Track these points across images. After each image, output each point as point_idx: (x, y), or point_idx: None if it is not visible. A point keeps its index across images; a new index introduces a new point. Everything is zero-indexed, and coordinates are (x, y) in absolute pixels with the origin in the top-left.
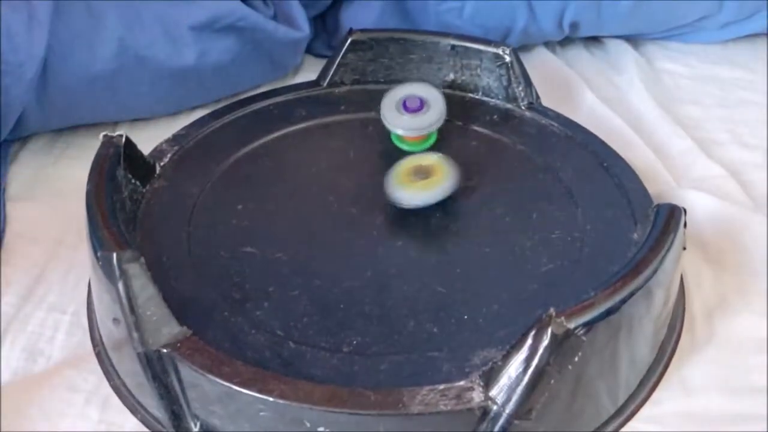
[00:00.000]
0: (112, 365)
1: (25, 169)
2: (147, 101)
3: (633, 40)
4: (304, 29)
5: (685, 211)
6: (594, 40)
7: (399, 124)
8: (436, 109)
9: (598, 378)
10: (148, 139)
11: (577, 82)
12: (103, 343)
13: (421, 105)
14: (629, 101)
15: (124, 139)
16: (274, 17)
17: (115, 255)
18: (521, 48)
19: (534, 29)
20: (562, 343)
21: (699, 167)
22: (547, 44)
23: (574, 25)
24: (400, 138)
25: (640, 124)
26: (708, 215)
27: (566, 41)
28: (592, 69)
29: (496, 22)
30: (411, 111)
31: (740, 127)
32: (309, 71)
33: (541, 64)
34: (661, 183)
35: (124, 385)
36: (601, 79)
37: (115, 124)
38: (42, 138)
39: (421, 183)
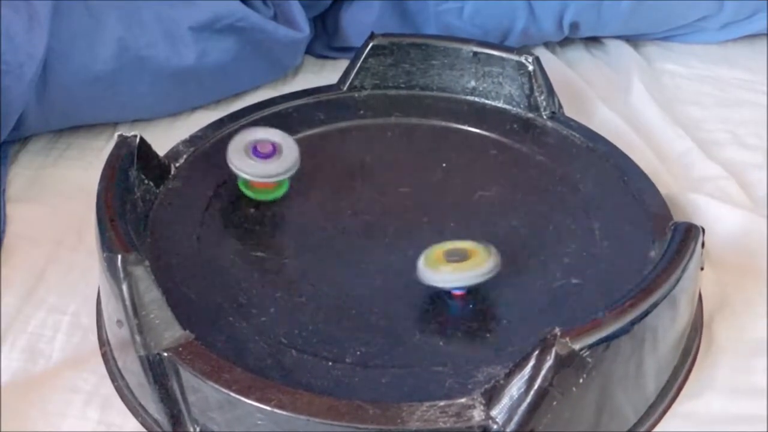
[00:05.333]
0: (116, 366)
1: (25, 170)
2: (147, 101)
3: (633, 40)
4: (304, 29)
5: (703, 230)
6: (594, 40)
7: (247, 169)
8: (290, 156)
9: (608, 398)
10: (148, 139)
11: (577, 83)
12: (109, 344)
13: (274, 151)
14: (629, 102)
15: (138, 140)
16: (274, 17)
17: (120, 257)
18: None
19: (534, 30)
20: (566, 364)
21: (699, 168)
22: (547, 45)
23: (574, 26)
24: (246, 184)
25: (640, 125)
26: (708, 216)
27: (566, 41)
28: (592, 69)
29: (496, 23)
30: (262, 157)
31: (740, 128)
32: (309, 72)
33: None
34: (661, 184)
35: (127, 386)
36: (601, 79)
37: (115, 124)
38: (42, 139)
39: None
